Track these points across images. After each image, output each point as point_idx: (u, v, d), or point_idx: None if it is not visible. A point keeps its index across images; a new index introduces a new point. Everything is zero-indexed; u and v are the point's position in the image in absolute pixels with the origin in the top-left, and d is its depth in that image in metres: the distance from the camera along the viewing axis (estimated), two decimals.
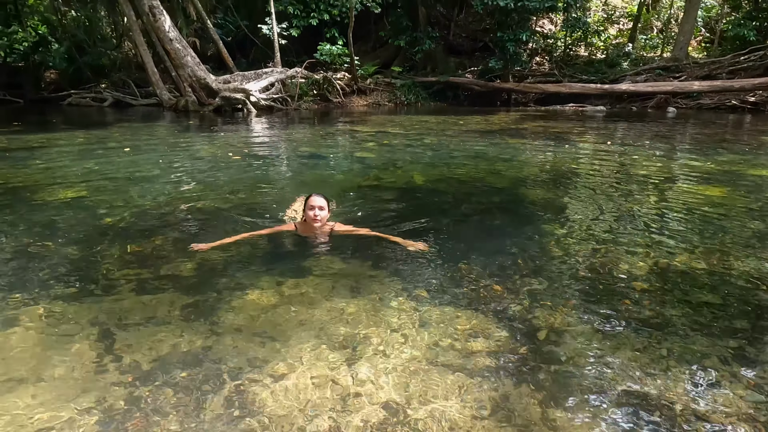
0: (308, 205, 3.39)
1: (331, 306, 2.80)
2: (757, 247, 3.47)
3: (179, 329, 2.57)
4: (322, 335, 2.51)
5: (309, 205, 3.39)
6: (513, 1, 15.86)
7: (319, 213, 3.35)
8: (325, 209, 3.40)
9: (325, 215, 3.40)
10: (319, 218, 3.36)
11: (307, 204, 3.41)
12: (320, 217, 3.37)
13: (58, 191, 5.05)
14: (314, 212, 3.35)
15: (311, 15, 18.17)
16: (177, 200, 4.78)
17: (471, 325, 2.61)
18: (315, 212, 3.35)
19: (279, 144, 9.08)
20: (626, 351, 2.30)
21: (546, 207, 4.58)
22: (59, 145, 8.28)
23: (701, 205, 4.55)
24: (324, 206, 3.39)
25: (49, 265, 3.26)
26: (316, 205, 3.36)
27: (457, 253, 3.48)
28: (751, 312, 2.64)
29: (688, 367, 2.18)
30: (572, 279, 3.07)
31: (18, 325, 2.57)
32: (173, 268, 3.25)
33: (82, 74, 19.85)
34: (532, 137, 9.52)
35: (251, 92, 15.15)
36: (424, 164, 6.46)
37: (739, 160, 6.73)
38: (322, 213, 3.37)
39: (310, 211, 3.36)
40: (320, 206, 3.36)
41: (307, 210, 3.39)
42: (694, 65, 17.33)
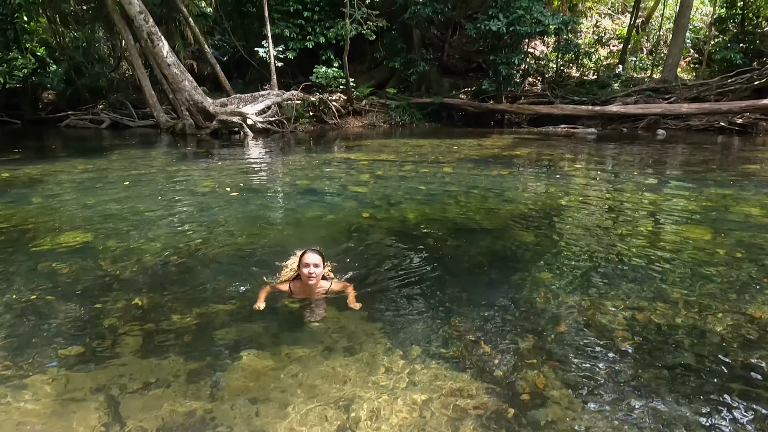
0: (303, 263, 3.38)
1: (325, 367, 2.93)
2: (733, 301, 3.63)
3: (180, 393, 2.69)
4: (317, 398, 2.64)
5: (303, 263, 3.38)
6: (505, 25, 16.21)
7: (314, 270, 3.35)
8: (320, 266, 3.40)
9: (320, 272, 3.40)
10: (314, 275, 3.36)
11: (301, 261, 3.40)
12: (315, 275, 3.36)
13: (59, 235, 5.17)
14: (309, 270, 3.34)
15: (307, 38, 18.50)
16: (177, 245, 4.91)
17: (459, 386, 2.74)
18: (310, 270, 3.34)
19: (275, 175, 9.25)
20: (599, 417, 2.43)
21: (534, 252, 4.74)
22: (59, 178, 8.41)
23: (685, 249, 4.72)
24: (319, 263, 3.39)
25: (52, 324, 3.38)
26: (311, 263, 3.35)
27: (447, 306, 3.62)
28: (723, 375, 2.78)
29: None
30: (556, 335, 3.21)
31: (24, 391, 2.68)
32: (175, 326, 3.38)
33: (79, 95, 20.07)
34: (525, 166, 9.73)
35: (248, 115, 15.36)
36: (418, 201, 6.62)
37: (725, 194, 6.92)
38: (317, 270, 3.36)
39: (305, 269, 3.35)
40: (315, 263, 3.36)
41: (302, 267, 3.38)
42: (683, 87, 17.70)
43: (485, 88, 18.11)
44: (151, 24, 14.48)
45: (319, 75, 17.19)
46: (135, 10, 14.24)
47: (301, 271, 3.39)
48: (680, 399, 2.57)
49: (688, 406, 2.52)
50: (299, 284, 3.46)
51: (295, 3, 18.31)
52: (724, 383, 2.71)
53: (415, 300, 3.74)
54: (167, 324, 3.40)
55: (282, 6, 18.41)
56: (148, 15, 14.54)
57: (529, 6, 16.26)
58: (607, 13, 24.72)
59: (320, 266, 3.39)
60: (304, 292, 3.49)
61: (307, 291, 3.48)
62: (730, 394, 2.61)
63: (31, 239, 5.07)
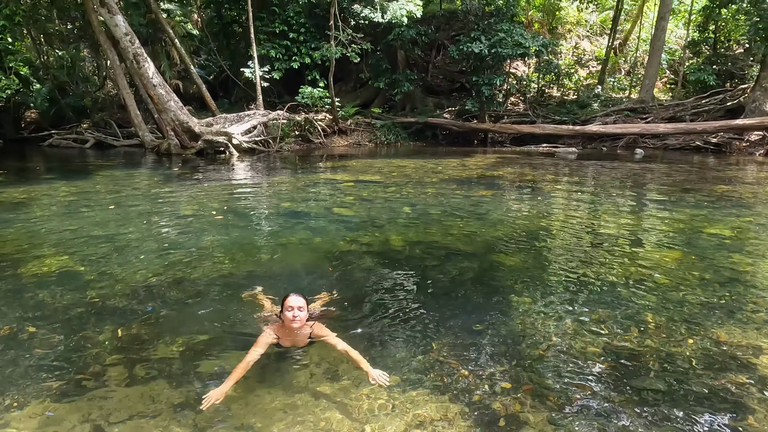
0: (286, 306, 3.29)
1: (309, 394, 3.00)
2: (702, 324, 3.79)
3: (166, 422, 2.73)
4: (299, 424, 2.71)
5: (287, 306, 3.29)
6: (487, 47, 16.61)
7: (297, 314, 3.27)
8: (304, 309, 3.32)
9: (304, 316, 3.31)
10: (298, 319, 3.28)
11: (284, 305, 3.31)
12: (299, 318, 3.28)
13: (43, 261, 5.17)
14: (293, 313, 3.26)
15: (293, 58, 18.73)
16: (162, 271, 4.94)
17: (438, 413, 2.83)
18: (294, 313, 3.26)
19: (260, 197, 9.32)
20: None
21: (514, 276, 4.87)
22: (42, 201, 8.38)
23: (659, 272, 4.89)
24: (303, 306, 3.31)
25: (36, 355, 3.39)
26: (295, 306, 3.27)
27: (427, 331, 3.72)
28: (691, 399, 2.91)
29: None
30: (533, 360, 3.32)
31: (7, 428, 2.70)
32: (159, 353, 3.42)
33: (63, 114, 19.98)
34: (507, 187, 9.93)
35: (233, 135, 15.44)
36: (401, 224, 6.74)
37: (698, 215, 7.16)
38: (300, 314, 3.28)
39: (288, 312, 3.27)
40: (299, 306, 3.28)
41: (285, 311, 3.29)
42: (659, 107, 18.25)
43: (468, 108, 18.47)
44: (137, 45, 14.57)
45: (305, 95, 17.39)
46: (121, 32, 14.33)
47: (284, 315, 3.30)
48: (650, 423, 2.69)
49: (657, 430, 2.63)
50: (283, 329, 3.37)
51: (281, 24, 18.57)
52: (692, 407, 2.83)
53: (395, 325, 3.82)
54: (152, 353, 3.44)
55: (268, 27, 18.65)
56: (134, 36, 14.64)
57: (510, 29, 16.72)
58: (586, 35, 25.45)
59: (304, 309, 3.32)
60: (289, 337, 3.39)
61: (292, 335, 3.38)
62: (698, 418, 2.74)
63: (13, 265, 5.07)
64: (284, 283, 4.71)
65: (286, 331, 3.36)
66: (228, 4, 20.35)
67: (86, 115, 20.42)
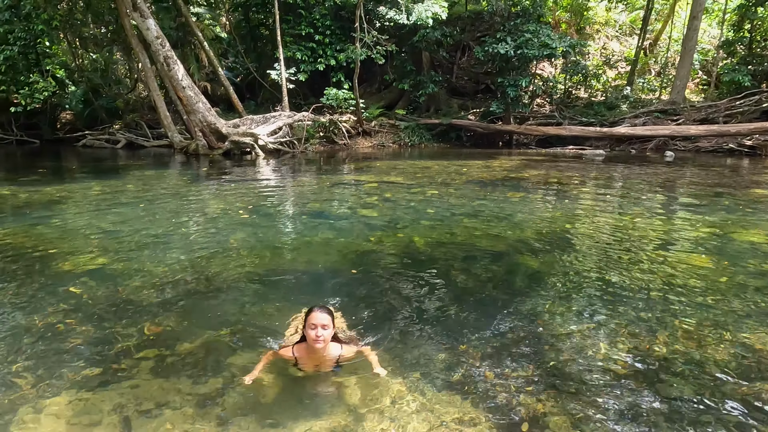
0: (309, 324, 2.94)
1: (331, 391, 3.03)
2: (733, 331, 3.68)
3: (192, 415, 2.79)
4: (322, 421, 2.73)
5: (310, 324, 2.93)
6: (513, 48, 16.46)
7: (321, 333, 2.90)
8: (329, 327, 2.94)
9: (329, 335, 2.95)
10: (322, 339, 2.92)
11: (307, 321, 2.95)
12: (323, 338, 2.92)
13: (77, 258, 5.35)
14: (316, 332, 2.90)
15: (318, 60, 18.91)
16: (190, 269, 5.06)
17: (461, 415, 2.82)
18: (317, 332, 2.90)
19: (286, 197, 9.44)
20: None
21: (539, 279, 4.82)
22: (77, 200, 8.66)
23: (688, 277, 4.77)
24: (327, 324, 2.93)
25: (70, 346, 3.51)
26: (318, 324, 2.91)
27: (451, 333, 3.71)
28: (721, 407, 2.84)
29: None
30: (558, 363, 3.29)
31: (44, 411, 2.80)
32: (186, 348, 3.50)
33: (96, 116, 20.59)
34: (532, 189, 9.83)
35: (259, 136, 15.67)
36: (425, 225, 6.74)
37: (731, 220, 6.96)
38: (325, 333, 2.92)
39: (312, 331, 2.91)
40: (323, 324, 2.91)
41: (308, 329, 2.93)
42: (691, 109, 17.77)
43: (493, 109, 18.33)
44: (167, 48, 14.93)
45: (330, 96, 17.54)
46: (152, 35, 14.70)
47: (306, 332, 2.94)
48: (679, 430, 2.63)
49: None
50: (305, 349, 3.05)
51: (307, 27, 18.77)
52: (723, 415, 2.76)
53: (418, 325, 3.83)
54: (179, 347, 3.52)
55: (294, 30, 18.88)
56: (164, 39, 15.01)
57: (536, 30, 16.54)
58: (614, 35, 24.98)
59: (329, 327, 2.93)
60: (311, 359, 3.06)
61: (315, 357, 3.04)
62: (730, 426, 2.67)
63: (50, 261, 5.25)
64: (308, 283, 4.76)
65: (308, 350, 3.02)
66: (255, 8, 20.69)
67: (118, 117, 21.02)
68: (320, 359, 3.05)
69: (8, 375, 3.14)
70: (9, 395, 2.92)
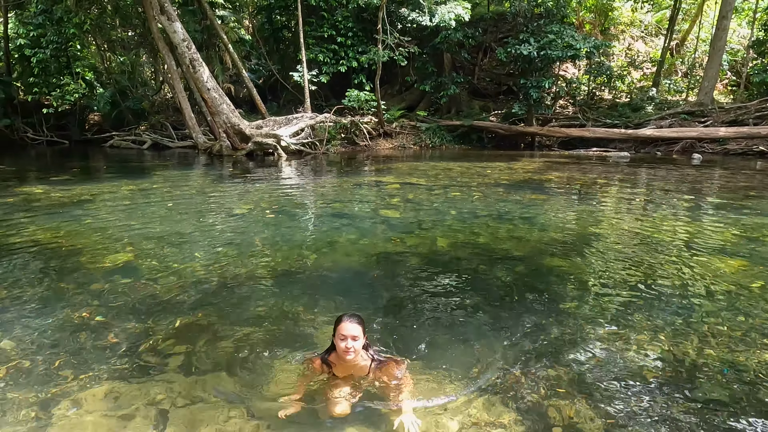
0: (338, 335, 2.86)
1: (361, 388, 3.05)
2: (766, 336, 3.60)
3: (225, 410, 2.84)
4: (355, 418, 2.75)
5: (339, 335, 2.85)
6: (536, 49, 16.32)
7: (351, 344, 2.82)
8: (360, 338, 2.85)
9: (359, 346, 2.87)
10: (352, 350, 2.84)
11: (336, 332, 2.88)
12: (353, 349, 2.85)
13: (108, 256, 5.49)
14: (346, 344, 2.82)
15: (340, 62, 19.03)
16: (217, 267, 5.15)
17: (491, 416, 2.81)
18: (347, 344, 2.82)
19: (309, 198, 9.53)
20: None
21: (565, 280, 4.78)
22: (106, 199, 8.88)
23: (719, 281, 4.68)
24: (358, 335, 2.84)
25: (105, 341, 3.61)
26: (348, 335, 2.82)
27: (477, 333, 3.71)
28: (756, 412, 2.78)
29: None
30: (586, 365, 3.26)
31: (80, 403, 2.89)
32: (216, 345, 3.57)
33: (123, 117, 21.06)
34: (556, 192, 9.73)
35: (282, 137, 15.84)
36: (447, 227, 6.74)
37: (762, 224, 6.79)
38: (355, 344, 2.83)
39: (342, 342, 2.84)
40: (353, 336, 2.82)
41: (338, 339, 2.86)
42: (719, 110, 17.38)
43: (515, 111, 18.19)
44: (193, 51, 15.20)
45: (352, 98, 17.63)
46: (179, 38, 14.99)
47: (336, 343, 2.88)
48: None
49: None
50: (336, 358, 2.98)
51: (329, 29, 18.91)
52: (758, 420, 2.71)
53: (445, 327, 3.83)
54: (209, 344, 3.59)
55: (316, 32, 19.04)
56: (190, 42, 15.28)
57: (560, 31, 16.37)
58: (640, 35, 24.57)
59: (360, 338, 2.85)
60: (342, 368, 3.00)
61: (346, 367, 2.99)
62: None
63: (82, 258, 5.40)
64: (334, 283, 4.80)
65: (339, 360, 2.96)
66: (278, 10, 20.92)
67: (144, 118, 21.46)
68: (351, 369, 3.00)
69: (49, 369, 3.24)
70: (50, 388, 3.01)
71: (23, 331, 3.74)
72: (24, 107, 21.02)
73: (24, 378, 3.12)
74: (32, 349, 3.47)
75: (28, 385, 3.04)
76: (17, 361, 3.32)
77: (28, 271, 5.07)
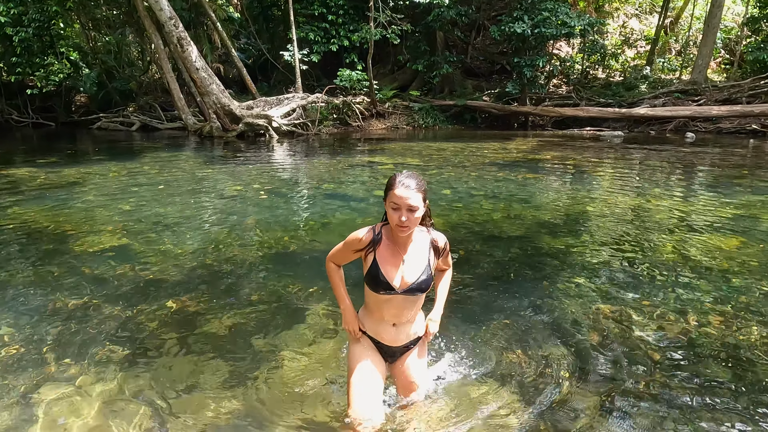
0: (390, 202, 2.06)
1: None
2: (765, 313, 3.60)
3: (224, 394, 2.79)
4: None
5: (391, 202, 2.06)
6: (530, 27, 16.10)
7: (407, 217, 2.04)
8: (420, 208, 2.06)
9: (416, 219, 2.08)
10: (407, 225, 2.06)
11: (388, 197, 2.08)
12: (408, 224, 2.06)
13: (98, 239, 5.39)
14: (400, 215, 2.04)
15: (332, 41, 18.68)
16: (211, 249, 5.07)
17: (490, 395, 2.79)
18: (401, 215, 2.04)
19: (301, 179, 9.41)
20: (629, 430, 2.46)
21: (561, 260, 4.76)
22: (95, 182, 8.71)
23: (715, 259, 4.68)
24: (417, 206, 2.04)
25: (97, 326, 3.54)
26: (403, 205, 2.03)
27: (477, 315, 3.68)
28: (756, 388, 2.78)
29: None
30: (585, 344, 3.24)
31: (75, 390, 2.83)
32: (212, 328, 3.51)
33: (110, 98, 20.62)
34: (549, 171, 9.68)
35: (273, 118, 15.60)
36: (443, 206, 6.67)
37: (756, 201, 6.80)
38: (412, 216, 2.06)
39: (394, 213, 2.05)
40: (409, 207, 2.03)
41: (389, 208, 2.08)
42: (713, 88, 17.33)
43: (509, 90, 18.00)
44: (180, 29, 14.83)
45: (343, 78, 17.35)
46: (165, 16, 14.60)
47: (388, 212, 2.10)
48: (712, 412, 2.58)
49: (720, 420, 2.53)
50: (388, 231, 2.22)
51: (320, 7, 18.51)
52: (758, 397, 2.70)
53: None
54: (204, 327, 3.53)
55: (307, 10, 18.63)
56: (177, 21, 14.89)
57: (554, 8, 16.12)
58: (634, 13, 24.33)
59: (419, 208, 2.06)
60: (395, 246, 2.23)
61: (400, 244, 2.22)
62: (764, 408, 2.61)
63: (72, 242, 5.29)
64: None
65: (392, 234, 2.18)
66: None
67: (132, 99, 21.02)
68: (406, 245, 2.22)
69: (38, 355, 3.17)
70: (39, 375, 2.95)
71: (10, 317, 3.66)
72: (7, 88, 20.50)
73: (11, 365, 3.05)
74: (20, 336, 3.39)
75: (16, 373, 2.96)
76: (3, 348, 3.24)
77: (15, 255, 4.96)
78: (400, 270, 2.22)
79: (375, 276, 2.20)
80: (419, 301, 2.37)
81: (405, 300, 2.28)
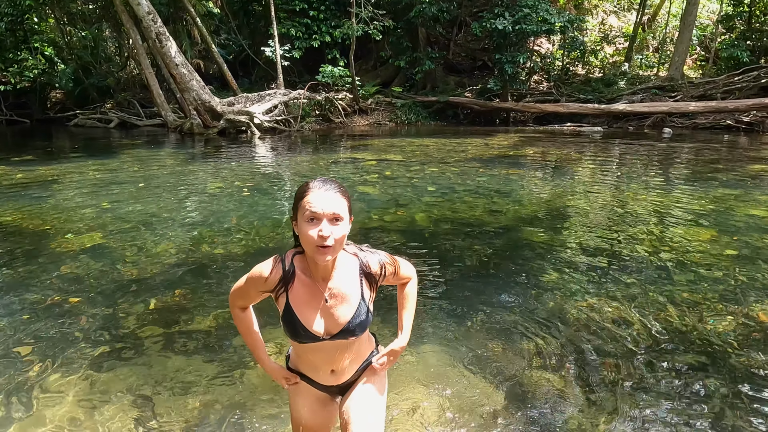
0: (304, 214, 1.46)
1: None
2: (739, 303, 3.71)
3: (207, 393, 2.78)
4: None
5: (306, 213, 1.45)
6: (511, 24, 16.23)
7: (328, 231, 1.44)
8: (345, 218, 1.49)
9: (342, 236, 1.48)
10: (330, 245, 1.45)
11: (300, 210, 1.48)
12: (331, 242, 1.45)
13: (77, 237, 5.30)
14: (319, 229, 1.43)
15: (313, 37, 18.58)
16: (192, 246, 5.02)
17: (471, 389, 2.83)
18: (321, 229, 1.43)
19: (284, 175, 9.36)
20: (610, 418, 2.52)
21: (542, 253, 4.83)
22: (72, 180, 8.54)
23: (691, 251, 4.79)
24: (342, 214, 1.47)
25: (77, 325, 3.49)
26: (323, 213, 1.44)
27: (459, 310, 3.71)
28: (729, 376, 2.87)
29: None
30: (564, 336, 3.30)
31: (54, 392, 2.78)
32: (193, 326, 3.49)
33: (87, 95, 20.21)
34: (532, 166, 9.79)
35: (255, 114, 15.47)
36: (426, 202, 6.71)
37: (731, 195, 6.98)
38: (337, 229, 1.46)
39: (312, 228, 1.45)
40: (333, 215, 1.45)
41: (304, 224, 1.47)
42: (689, 85, 17.67)
43: (491, 86, 18.13)
44: (159, 24, 14.59)
45: (326, 74, 17.28)
46: (143, 11, 14.36)
47: (300, 230, 1.49)
48: (688, 400, 2.66)
49: (696, 406, 2.61)
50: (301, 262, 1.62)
51: (301, 2, 18.39)
52: (731, 384, 2.79)
53: (424, 303, 3.83)
54: (186, 325, 3.50)
55: (288, 5, 18.49)
56: (156, 15, 14.65)
57: (534, 5, 16.27)
58: (613, 10, 24.66)
59: (343, 220, 1.48)
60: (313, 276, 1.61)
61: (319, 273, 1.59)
62: (738, 395, 2.70)
63: (50, 241, 5.20)
64: None
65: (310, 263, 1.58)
66: None
67: (110, 95, 20.64)
68: (327, 277, 1.60)
69: (16, 356, 3.11)
70: (18, 377, 2.89)
71: None
72: None
73: None
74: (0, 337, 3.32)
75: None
76: None
77: None
78: (324, 312, 1.59)
79: (291, 324, 1.58)
80: (359, 340, 1.72)
81: (338, 345, 1.65)
